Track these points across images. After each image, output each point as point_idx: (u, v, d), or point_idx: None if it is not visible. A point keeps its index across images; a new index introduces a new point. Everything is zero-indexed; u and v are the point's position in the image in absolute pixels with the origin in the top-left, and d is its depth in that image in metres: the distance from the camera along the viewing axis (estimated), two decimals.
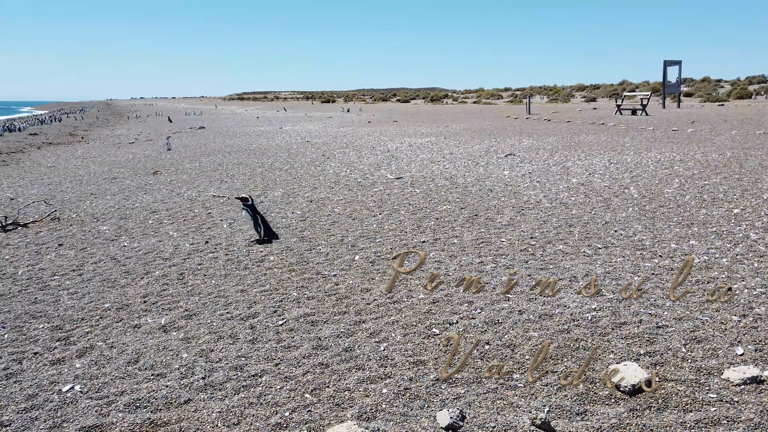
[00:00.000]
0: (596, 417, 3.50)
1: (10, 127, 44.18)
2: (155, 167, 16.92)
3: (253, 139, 25.70)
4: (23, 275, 7.08)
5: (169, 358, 4.55)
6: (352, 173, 13.84)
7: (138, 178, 14.98)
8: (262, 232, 7.69)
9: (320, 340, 4.68)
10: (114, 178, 15.16)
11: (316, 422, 3.54)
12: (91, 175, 16.05)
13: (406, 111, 54.20)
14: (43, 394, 4.11)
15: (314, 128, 32.06)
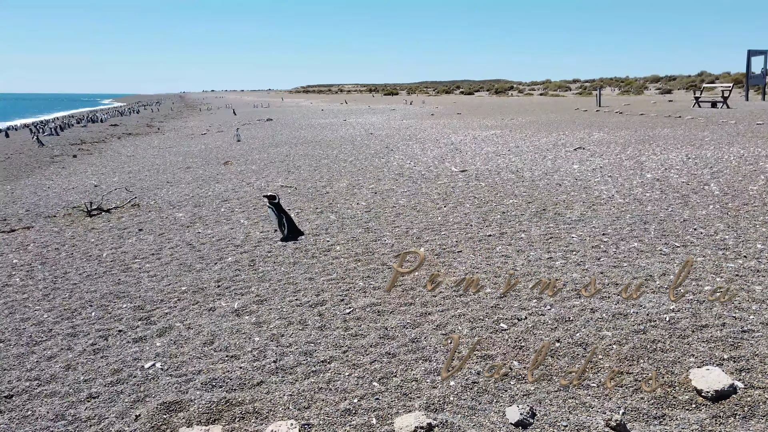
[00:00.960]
0: (675, 422, 3.36)
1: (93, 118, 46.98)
2: (226, 158, 17.51)
3: (318, 131, 26.12)
4: (107, 257, 7.52)
5: (242, 340, 4.71)
6: (416, 166, 13.82)
7: (210, 168, 15.55)
8: (286, 230, 7.62)
9: (387, 330, 4.72)
10: (188, 168, 15.80)
11: (384, 410, 3.57)
12: (167, 165, 16.80)
13: (470, 103, 53.51)
14: (127, 369, 4.36)
15: (377, 121, 32.21)
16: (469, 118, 30.89)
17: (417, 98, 73.35)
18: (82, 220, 9.99)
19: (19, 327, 5.35)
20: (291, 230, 7.69)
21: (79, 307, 5.77)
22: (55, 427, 3.64)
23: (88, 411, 3.79)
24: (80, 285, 6.46)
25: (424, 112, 40.63)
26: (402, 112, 40.68)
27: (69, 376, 4.31)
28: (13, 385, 4.23)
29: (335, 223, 8.44)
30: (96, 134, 30.96)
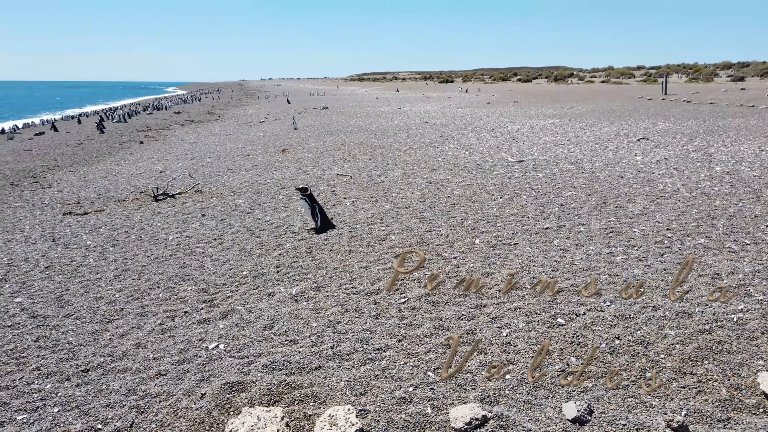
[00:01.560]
0: (741, 426, 3.24)
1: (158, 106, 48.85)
2: (283, 146, 17.87)
3: (372, 119, 26.22)
4: (173, 241, 7.87)
5: (301, 326, 4.85)
6: (471, 155, 13.69)
7: (268, 156, 15.91)
8: (318, 221, 7.68)
9: (441, 321, 4.74)
10: (247, 155, 16.23)
11: (439, 401, 3.61)
12: (228, 152, 17.31)
13: (528, 91, 52.33)
14: (192, 349, 4.58)
15: (432, 109, 32.01)
16: (527, 107, 30.25)
17: (473, 86, 72.33)
18: (149, 205, 10.46)
19: (93, 305, 5.69)
20: (324, 221, 7.76)
21: (147, 288, 6.08)
22: (127, 401, 3.88)
23: (157, 387, 4.02)
24: (148, 267, 6.80)
25: (480, 100, 40.07)
26: (457, 100, 40.27)
27: (139, 354, 4.56)
28: (88, 360, 4.52)
29: (390, 213, 8.50)
30: (161, 121, 32.18)
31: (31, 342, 4.92)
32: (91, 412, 3.77)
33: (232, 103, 52.72)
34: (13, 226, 9.39)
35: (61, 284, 6.37)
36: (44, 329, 5.17)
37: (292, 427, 3.42)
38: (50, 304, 5.80)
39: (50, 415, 3.77)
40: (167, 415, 3.66)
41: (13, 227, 9.30)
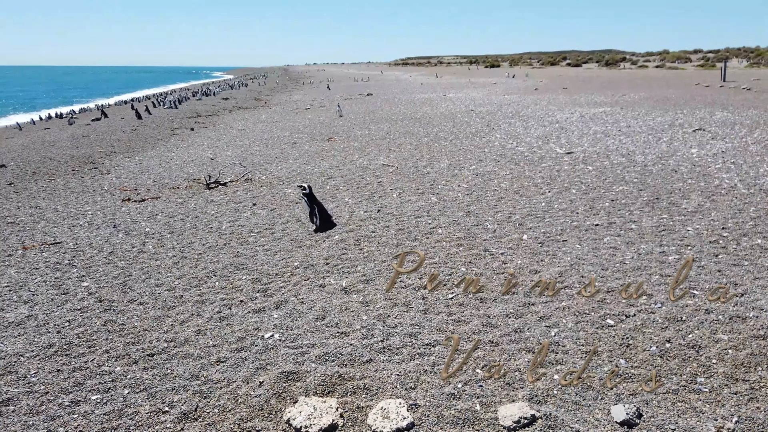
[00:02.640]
0: None
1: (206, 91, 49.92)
2: (329, 134, 18.08)
3: (417, 107, 26.16)
4: (226, 230, 8.16)
5: (351, 318, 5.01)
6: (519, 146, 13.56)
7: (315, 144, 16.15)
8: (317, 221, 7.68)
9: (489, 318, 4.82)
10: (294, 143, 16.52)
11: (488, 398, 3.71)
12: (275, 140, 17.64)
13: (577, 77, 51.00)
14: (249, 338, 4.80)
15: (478, 96, 31.66)
16: (576, 94, 29.55)
17: (520, 71, 70.97)
18: (202, 193, 10.83)
19: (155, 292, 6.00)
20: (323, 221, 7.76)
21: (204, 276, 6.36)
22: (191, 386, 4.12)
23: (218, 374, 4.25)
24: (204, 255, 7.09)
25: (528, 86, 39.34)
26: (504, 86, 39.66)
27: (200, 341, 4.82)
28: (153, 345, 4.80)
29: (437, 206, 8.57)
30: (209, 107, 32.94)
31: (99, 326, 5.25)
32: (158, 395, 4.03)
33: (278, 89, 53.42)
34: (76, 211, 9.90)
35: (124, 270, 6.73)
36: (111, 313, 5.50)
37: (346, 417, 3.58)
38: (115, 289, 6.15)
39: (121, 396, 4.05)
40: (228, 400, 3.88)
41: (76, 213, 9.81)
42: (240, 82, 69.57)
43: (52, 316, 5.51)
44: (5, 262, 7.27)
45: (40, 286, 6.33)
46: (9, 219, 9.51)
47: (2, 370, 4.50)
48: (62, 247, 7.82)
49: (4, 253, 7.68)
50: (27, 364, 4.57)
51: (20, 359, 4.66)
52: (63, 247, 7.82)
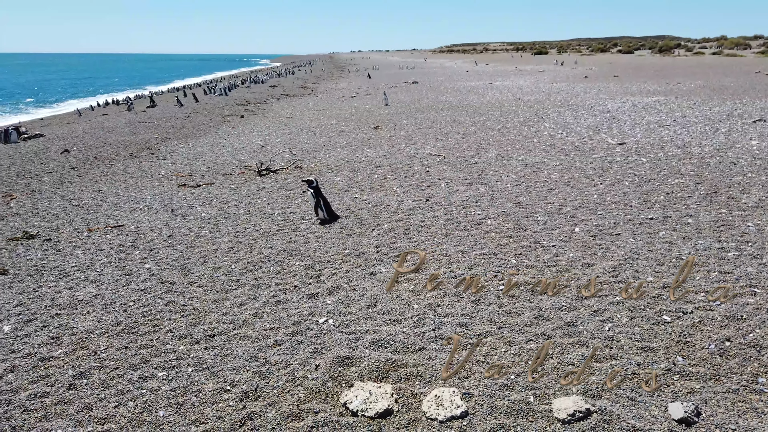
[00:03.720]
0: None
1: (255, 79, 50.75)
2: (376, 122, 18.16)
3: (463, 95, 25.93)
4: (278, 216, 8.37)
5: (402, 306, 5.10)
6: (569, 136, 13.31)
7: (361, 132, 16.26)
8: (323, 214, 7.80)
9: (541, 311, 4.82)
10: (341, 132, 16.67)
11: (542, 390, 3.73)
12: (322, 128, 17.85)
13: (629, 64, 49.39)
14: (304, 322, 4.95)
15: (525, 84, 31.11)
16: (628, 82, 28.68)
17: (568, 58, 69.18)
18: (254, 179, 11.11)
19: (213, 275, 6.24)
20: (329, 214, 7.88)
21: (259, 261, 6.57)
22: (250, 366, 4.30)
23: (275, 356, 4.42)
24: (258, 240, 7.31)
25: (577, 73, 38.38)
26: (552, 74, 38.81)
27: (257, 323, 5.00)
28: (213, 326, 5.02)
29: (485, 196, 8.54)
30: (258, 95, 33.53)
31: (162, 306, 5.50)
32: (219, 374, 4.23)
33: (324, 77, 53.81)
34: (136, 195, 10.33)
35: (183, 253, 7.01)
36: (172, 295, 5.75)
37: (401, 403, 3.68)
38: (175, 271, 6.42)
39: (185, 374, 4.26)
40: (287, 382, 4.04)
41: (136, 197, 10.23)
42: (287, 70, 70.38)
43: (118, 295, 5.81)
44: (72, 243, 7.68)
45: (105, 267, 6.67)
46: (74, 202, 10.00)
47: (75, 345, 4.79)
48: (124, 229, 8.19)
49: (71, 234, 8.11)
50: (97, 341, 4.85)
51: (90, 336, 4.95)
52: (125, 229, 8.19)
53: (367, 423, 3.51)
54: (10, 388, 4.19)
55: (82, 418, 3.77)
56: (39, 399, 4.02)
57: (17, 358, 4.60)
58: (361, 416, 3.57)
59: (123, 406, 3.88)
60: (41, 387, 4.17)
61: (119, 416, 3.77)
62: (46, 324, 5.21)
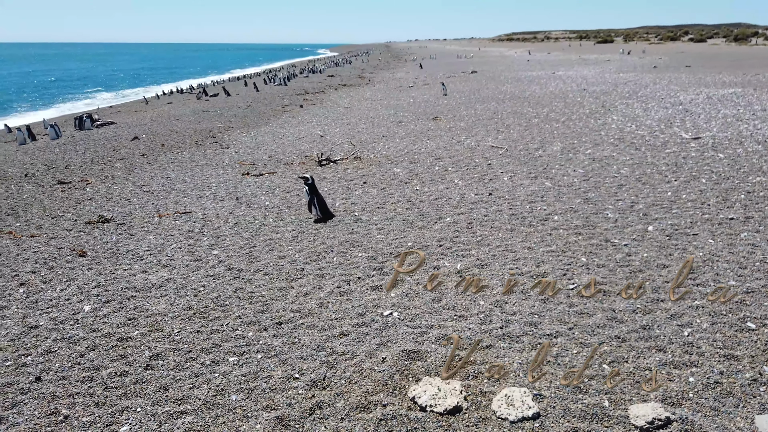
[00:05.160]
0: None
1: (313, 69, 51.34)
2: (434, 113, 18.01)
3: (525, 85, 25.34)
4: (340, 207, 8.43)
5: (468, 302, 5.04)
6: (639, 129, 12.77)
7: (420, 123, 16.17)
8: (317, 211, 7.72)
9: (614, 312, 4.65)
10: (400, 122, 16.63)
11: (617, 395, 3.60)
12: (380, 118, 17.85)
13: (702, 53, 46.94)
14: (369, 314, 4.97)
15: (590, 74, 30.08)
16: (701, 72, 27.25)
17: (635, 47, 66.42)
18: (315, 169, 11.23)
19: (278, 263, 6.35)
20: (323, 212, 7.79)
21: (322, 251, 6.64)
22: (318, 355, 4.35)
23: (342, 346, 4.45)
24: (321, 231, 7.39)
25: (645, 63, 36.80)
26: (618, 64, 37.38)
27: (323, 313, 5.06)
28: (280, 314, 5.10)
29: (551, 191, 8.32)
30: (316, 85, 33.90)
31: (231, 292, 5.65)
32: (288, 361, 4.30)
33: (381, 66, 53.81)
34: (202, 183, 10.65)
35: (249, 241, 7.17)
36: (240, 282, 5.90)
37: (470, 401, 3.63)
38: (242, 258, 6.57)
39: (255, 360, 4.36)
40: (354, 373, 4.07)
41: (202, 184, 10.54)
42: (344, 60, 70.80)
43: (189, 280, 6.00)
44: (144, 228, 7.99)
45: (176, 252, 6.91)
46: (145, 188, 10.41)
47: (150, 327, 4.99)
48: (192, 216, 8.46)
49: (143, 219, 8.45)
50: (170, 324, 5.03)
51: (164, 318, 5.14)
52: (193, 216, 8.46)
53: (436, 419, 3.49)
54: (92, 365, 4.40)
55: (159, 398, 3.92)
56: (119, 377, 4.21)
57: (98, 337, 4.83)
58: (430, 412, 3.55)
59: (197, 389, 4.01)
60: (120, 366, 4.36)
61: (194, 398, 3.90)
62: (123, 305, 5.44)
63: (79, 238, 7.64)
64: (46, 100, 39.61)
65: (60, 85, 53.73)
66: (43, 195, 10.10)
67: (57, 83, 56.62)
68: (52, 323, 5.14)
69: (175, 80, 55.26)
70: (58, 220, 8.61)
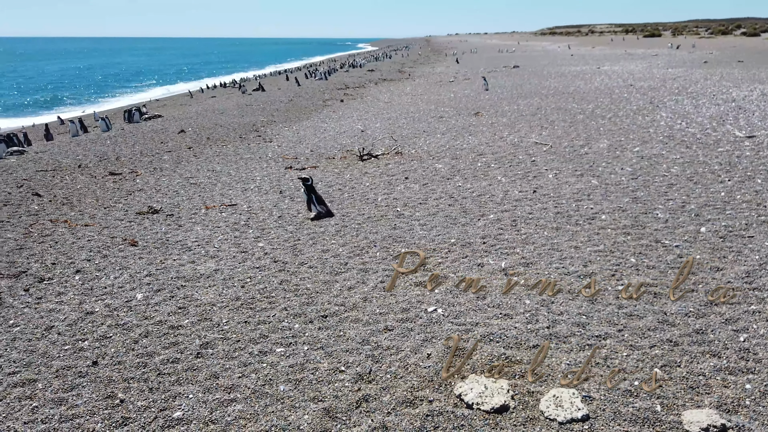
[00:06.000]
0: None
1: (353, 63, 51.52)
2: (476, 108, 17.85)
3: (569, 80, 24.84)
4: (382, 202, 8.46)
5: (513, 300, 5.00)
6: (689, 127, 12.37)
7: (461, 118, 16.05)
8: (315, 209, 7.83)
9: (665, 315, 4.54)
10: (441, 117, 16.54)
11: (669, 400, 3.52)
12: (421, 113, 17.79)
13: (755, 48, 45.06)
14: (413, 310, 4.98)
15: (637, 69, 29.26)
16: (755, 68, 26.17)
17: (685, 41, 64.23)
18: (356, 164, 11.29)
19: (322, 257, 6.43)
20: (321, 211, 7.88)
21: (365, 246, 6.68)
22: (362, 349, 4.39)
23: (387, 341, 4.48)
24: (363, 225, 7.43)
25: (694, 58, 35.56)
26: (666, 59, 36.23)
27: (367, 307, 5.10)
28: (325, 307, 5.17)
29: (598, 189, 8.15)
30: (356, 79, 34.00)
31: (276, 284, 5.75)
32: (334, 354, 4.36)
33: (421, 61, 53.57)
34: (246, 176, 10.84)
35: (293, 234, 7.28)
36: (285, 274, 5.99)
37: (517, 400, 3.61)
38: (287, 251, 6.68)
39: (302, 351, 4.43)
40: (399, 368, 4.09)
41: (247, 177, 10.74)
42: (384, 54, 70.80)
43: (236, 271, 6.13)
44: (192, 220, 8.20)
45: (222, 243, 7.07)
46: (192, 180, 10.67)
47: (200, 316, 5.12)
48: (238, 208, 8.63)
49: (191, 211, 8.66)
50: (219, 314, 5.16)
51: (213, 308, 5.27)
52: (238, 209, 8.63)
53: (482, 417, 3.49)
54: (146, 351, 4.55)
55: (210, 386, 4.03)
56: (171, 364, 4.35)
57: (150, 325, 5.00)
58: (476, 409, 3.55)
59: (246, 378, 4.10)
60: (172, 353, 4.50)
61: (243, 387, 3.99)
62: (173, 294, 5.61)
63: (130, 228, 7.90)
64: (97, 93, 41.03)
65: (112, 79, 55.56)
66: (96, 186, 10.47)
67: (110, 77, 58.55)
68: (107, 310, 5.34)
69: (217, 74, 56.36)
70: (110, 210, 8.91)
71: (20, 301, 5.62)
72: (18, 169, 11.73)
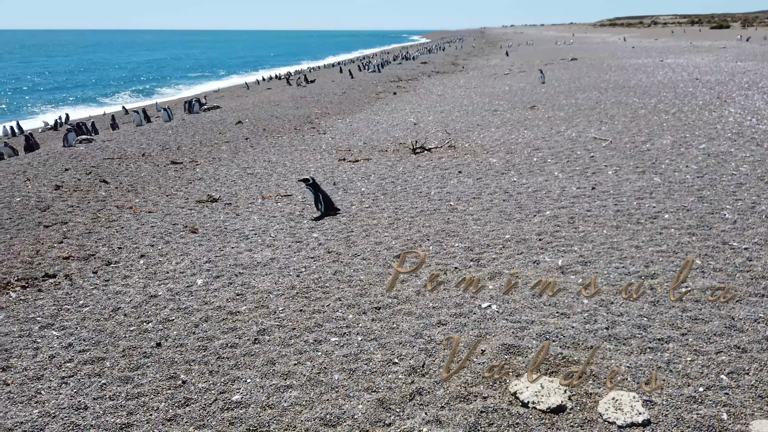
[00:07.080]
0: None
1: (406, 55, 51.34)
2: (531, 101, 17.49)
3: (630, 74, 23.98)
4: (435, 196, 8.43)
5: (570, 299, 4.89)
6: (760, 123, 11.74)
7: (516, 112, 15.77)
8: (322, 207, 7.84)
9: (733, 320, 4.34)
10: (495, 111, 16.31)
11: (737, 408, 3.38)
12: (474, 106, 17.59)
13: None
14: (466, 305, 4.96)
15: (703, 62, 27.94)
16: None
17: (755, 33, 60.83)
18: (409, 157, 11.28)
19: (375, 249, 6.46)
20: (328, 207, 7.88)
21: (418, 239, 6.68)
22: (416, 342, 4.41)
23: (440, 335, 4.48)
24: (416, 219, 7.43)
25: (766, 51, 33.64)
26: (735, 51, 34.43)
27: (420, 301, 5.10)
28: (378, 299, 5.20)
29: (661, 187, 7.86)
30: (409, 72, 33.89)
31: (330, 275, 5.83)
32: (387, 346, 4.39)
33: (474, 53, 52.86)
34: (301, 167, 11.01)
35: (347, 226, 7.34)
36: (339, 265, 6.07)
37: (574, 401, 3.54)
38: (340, 242, 6.75)
39: (355, 342, 4.48)
40: (453, 363, 4.07)
41: (301, 168, 10.91)
42: (437, 46, 70.25)
43: (291, 261, 6.26)
44: (249, 209, 8.40)
45: (278, 233, 7.22)
46: (248, 170, 10.93)
47: (257, 303, 5.26)
48: (293, 199, 8.79)
49: (248, 200, 8.88)
50: (275, 301, 5.28)
51: (269, 296, 5.40)
52: (293, 199, 8.78)
53: (538, 416, 3.44)
54: (206, 335, 4.71)
55: (267, 371, 4.14)
56: (230, 349, 4.48)
57: (210, 310, 5.17)
58: (532, 408, 3.50)
59: (302, 365, 4.19)
60: (231, 338, 4.64)
61: (299, 374, 4.08)
62: (232, 281, 5.77)
63: (191, 216, 8.17)
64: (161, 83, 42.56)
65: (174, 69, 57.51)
66: (159, 174, 10.87)
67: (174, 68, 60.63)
68: (169, 294, 5.55)
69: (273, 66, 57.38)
70: (172, 197, 9.24)
71: (89, 283, 5.91)
72: (87, 156, 12.31)
